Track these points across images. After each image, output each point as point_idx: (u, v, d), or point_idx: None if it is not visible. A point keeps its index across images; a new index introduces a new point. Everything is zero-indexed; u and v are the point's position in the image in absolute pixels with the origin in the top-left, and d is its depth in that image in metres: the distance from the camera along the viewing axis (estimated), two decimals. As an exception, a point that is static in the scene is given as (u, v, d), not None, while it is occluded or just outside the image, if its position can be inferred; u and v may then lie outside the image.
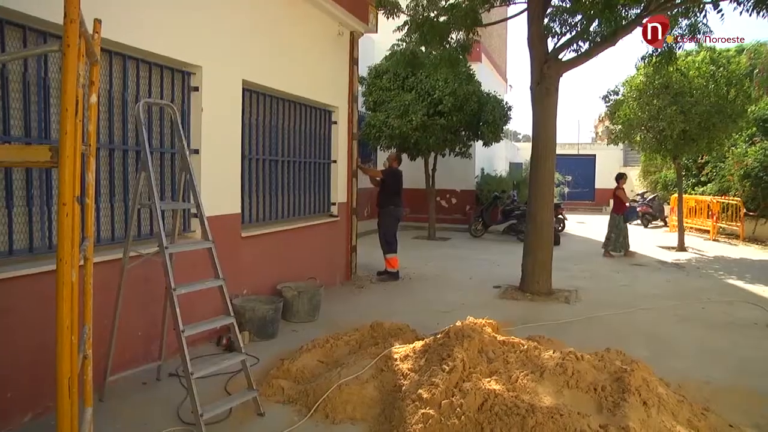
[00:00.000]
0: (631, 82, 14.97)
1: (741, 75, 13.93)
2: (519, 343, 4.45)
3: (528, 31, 9.09)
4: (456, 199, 19.62)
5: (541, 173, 9.14)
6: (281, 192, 8.08)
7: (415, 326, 6.31)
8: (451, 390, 3.85)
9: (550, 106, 9.02)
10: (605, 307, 8.36)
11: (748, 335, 7.24)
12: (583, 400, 3.87)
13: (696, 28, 9.27)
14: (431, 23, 9.46)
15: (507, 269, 10.67)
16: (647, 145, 15.46)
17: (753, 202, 17.40)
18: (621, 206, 13.85)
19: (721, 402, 4.85)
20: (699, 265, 13.04)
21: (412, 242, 15.20)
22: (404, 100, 13.99)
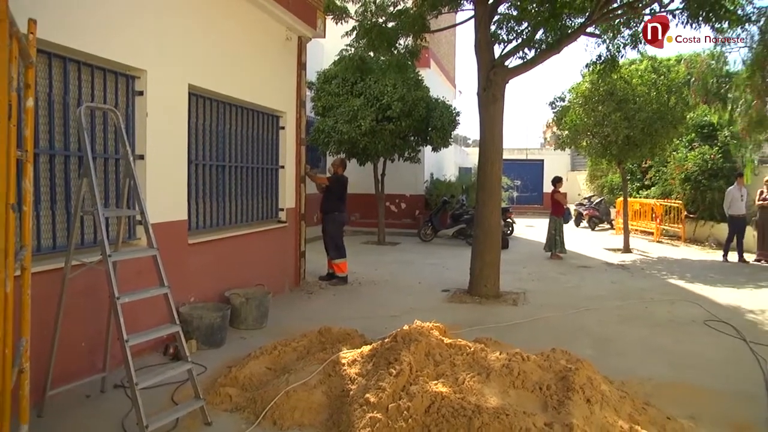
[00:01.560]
0: (577, 89, 15.33)
1: (680, 83, 14.39)
2: (466, 345, 4.50)
3: (475, 38, 9.21)
4: (405, 204, 19.71)
5: (489, 178, 9.27)
6: (229, 198, 7.98)
7: (363, 331, 6.32)
8: (399, 393, 3.87)
9: (496, 112, 9.15)
10: (552, 309, 8.51)
11: (687, 332, 7.50)
12: (528, 400, 3.95)
13: (638, 37, 9.58)
14: (379, 29, 9.50)
15: (456, 273, 10.78)
16: (593, 150, 15.82)
17: (693, 204, 18.05)
18: (559, 208, 14.15)
19: (661, 396, 5.04)
20: (643, 266, 13.42)
21: (362, 247, 15.20)
22: (353, 105, 14.01)
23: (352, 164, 15.22)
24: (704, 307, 8.91)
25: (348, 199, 10.60)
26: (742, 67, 10.53)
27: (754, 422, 4.65)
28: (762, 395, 5.27)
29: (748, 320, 8.22)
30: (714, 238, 17.37)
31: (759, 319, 8.29)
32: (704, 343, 7.01)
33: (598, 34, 9.62)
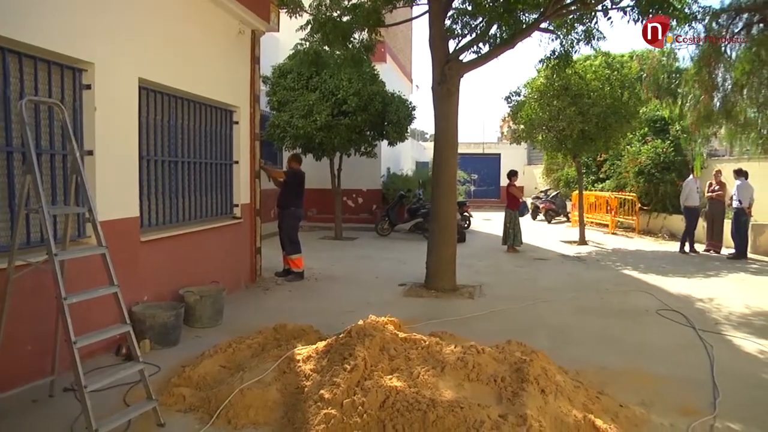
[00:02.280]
0: (532, 84, 15.52)
1: (633, 79, 14.68)
2: (421, 339, 4.51)
3: (429, 33, 9.23)
4: (362, 198, 19.70)
5: (444, 172, 9.31)
6: (182, 194, 7.84)
7: (320, 327, 6.29)
8: (353, 389, 3.86)
9: (451, 106, 9.19)
10: (508, 301, 8.60)
11: (640, 321, 7.69)
12: (483, 392, 3.97)
13: (591, 33, 9.73)
14: (334, 23, 9.45)
15: (413, 267, 10.81)
16: (548, 144, 16.08)
17: (646, 197, 18.46)
18: (515, 202, 14.32)
19: (614, 385, 5.15)
20: (598, 257, 13.67)
21: (319, 243, 15.14)
22: (308, 100, 13.92)
23: (309, 159, 15.16)
24: (657, 296, 9.15)
25: (305, 195, 10.53)
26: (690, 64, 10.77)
27: (701, 406, 4.80)
28: (709, 380, 5.43)
29: (698, 309, 8.46)
30: (667, 230, 17.82)
31: (708, 308, 8.54)
32: (656, 332, 7.20)
33: (552, 30, 9.74)
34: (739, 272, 11.73)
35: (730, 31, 9.64)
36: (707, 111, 10.54)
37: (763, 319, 7.95)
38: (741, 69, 9.54)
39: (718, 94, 10.41)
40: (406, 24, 23.04)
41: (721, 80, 10.29)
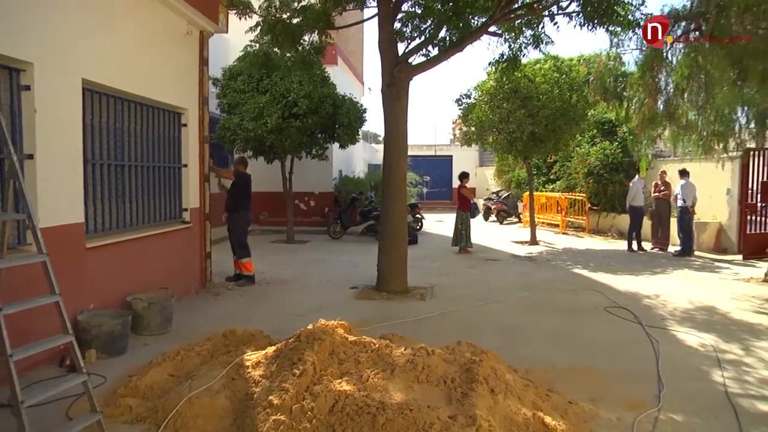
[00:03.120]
0: (483, 87, 15.71)
1: (581, 82, 14.98)
2: (370, 342, 4.51)
3: (379, 35, 9.24)
4: (314, 201, 19.61)
5: (394, 174, 9.33)
6: (130, 198, 7.66)
7: (270, 331, 6.21)
8: (302, 394, 3.82)
9: (401, 109, 9.22)
10: (460, 302, 8.66)
11: (589, 319, 7.85)
12: (433, 394, 3.99)
13: (539, 38, 9.91)
14: (284, 25, 9.40)
15: (365, 269, 10.80)
16: (499, 146, 16.27)
17: (596, 197, 18.87)
18: (466, 203, 14.44)
19: (564, 382, 5.24)
20: (549, 257, 13.89)
21: (271, 246, 15.01)
22: (259, 102, 13.80)
23: (260, 162, 15.03)
24: (605, 294, 9.36)
25: (256, 198, 10.44)
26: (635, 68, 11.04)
27: (647, 399, 4.95)
28: (655, 374, 5.61)
29: (645, 305, 8.70)
30: (616, 229, 18.23)
31: (654, 304, 8.78)
32: (605, 329, 7.37)
33: (500, 34, 9.87)
34: (684, 269, 12.10)
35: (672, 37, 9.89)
36: (651, 114, 10.78)
37: (705, 313, 8.23)
38: (681, 74, 9.81)
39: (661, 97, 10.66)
40: (358, 26, 23.00)
41: (663, 84, 10.55)
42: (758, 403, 4.98)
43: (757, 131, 11.71)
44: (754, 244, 13.31)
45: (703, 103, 10.19)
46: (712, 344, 6.67)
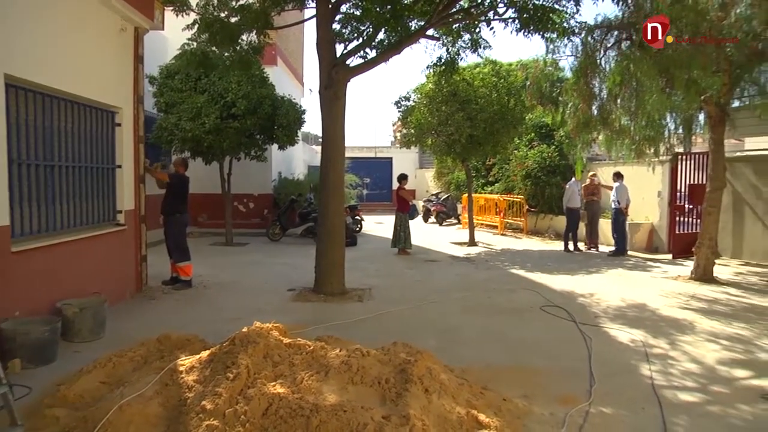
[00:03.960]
0: (422, 89, 15.86)
1: (518, 86, 15.27)
2: (305, 344, 4.49)
3: (317, 36, 9.24)
4: (254, 203, 19.39)
5: (332, 175, 9.33)
6: (60, 200, 7.41)
7: (207, 335, 6.11)
8: (236, 398, 3.78)
9: (338, 110, 9.23)
10: (397, 303, 8.72)
11: (525, 318, 8.03)
12: (367, 394, 4.00)
13: (477, 42, 10.06)
14: (222, 23, 9.26)
15: (304, 272, 10.73)
16: (438, 149, 16.45)
17: (534, 199, 19.26)
18: (405, 205, 14.55)
19: (499, 380, 5.36)
20: (487, 258, 14.11)
21: (209, 249, 14.79)
22: (197, 102, 13.60)
23: (198, 164, 14.79)
24: (541, 294, 9.58)
25: (195, 200, 10.26)
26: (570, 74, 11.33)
27: (579, 394, 5.13)
28: (587, 370, 5.81)
29: (579, 304, 8.95)
30: (553, 230, 18.68)
31: (588, 302, 9.05)
32: (540, 328, 7.55)
33: (438, 38, 9.99)
34: (618, 268, 12.49)
35: (604, 45, 10.20)
36: (586, 118, 11.06)
37: (636, 310, 8.53)
38: (613, 80, 10.11)
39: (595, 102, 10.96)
40: (298, 27, 22.93)
41: (597, 90, 10.85)
42: (681, 394, 5.24)
43: (684, 136, 12.24)
44: (682, 243, 13.85)
45: (634, 109, 10.52)
46: (641, 340, 6.94)
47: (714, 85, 9.66)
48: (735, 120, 11.39)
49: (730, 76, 10.01)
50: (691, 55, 8.80)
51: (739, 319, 8.02)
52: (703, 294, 9.72)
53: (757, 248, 13.10)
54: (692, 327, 7.60)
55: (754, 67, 9.87)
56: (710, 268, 10.91)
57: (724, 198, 11.64)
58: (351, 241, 15.25)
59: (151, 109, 14.13)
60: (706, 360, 6.22)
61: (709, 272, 10.87)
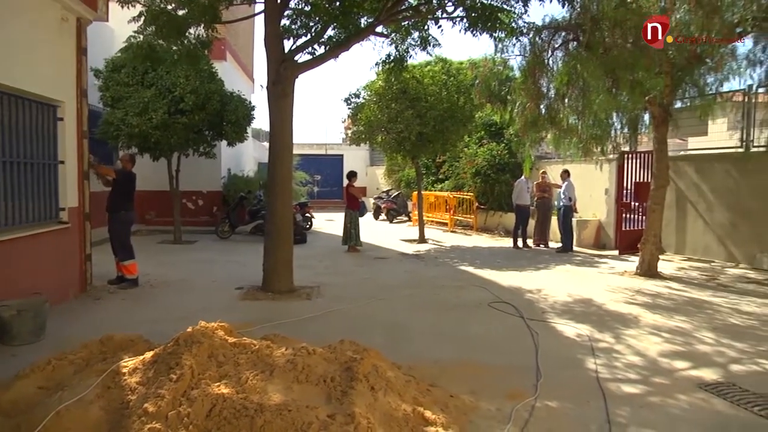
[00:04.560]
0: (372, 87, 15.86)
1: (468, 85, 15.41)
2: (251, 343, 4.44)
3: (265, 31, 9.13)
4: (203, 200, 19.13)
5: (280, 172, 9.26)
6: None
7: (152, 336, 5.95)
8: (179, 399, 3.70)
9: (286, 107, 9.16)
10: (346, 301, 8.71)
11: (473, 315, 8.09)
12: (313, 393, 3.97)
13: (426, 40, 10.11)
14: (168, 16, 9.05)
15: (253, 270, 10.60)
16: (388, 146, 16.48)
17: (483, 196, 19.49)
18: (354, 202, 14.57)
19: (446, 377, 5.39)
20: (437, 255, 14.21)
21: (157, 247, 14.53)
22: (144, 96, 13.36)
23: (146, 160, 14.52)
24: (490, 290, 9.69)
25: (142, 197, 10.05)
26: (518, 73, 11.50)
27: (525, 389, 5.21)
28: (533, 365, 5.89)
29: (527, 299, 9.08)
30: (502, 227, 18.91)
31: (536, 298, 9.19)
32: (488, 324, 7.63)
33: (387, 35, 10.01)
34: (566, 264, 12.73)
35: (551, 46, 10.38)
36: (534, 117, 11.24)
37: (583, 305, 8.70)
38: (561, 80, 10.31)
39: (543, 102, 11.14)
40: (248, 22, 22.66)
41: (545, 89, 11.03)
42: (624, 386, 5.38)
43: (630, 136, 12.55)
44: (629, 240, 14.21)
45: (582, 109, 10.74)
46: (587, 334, 7.08)
47: (657, 87, 9.96)
48: (678, 120, 11.76)
49: (672, 78, 10.33)
50: (635, 57, 9.03)
51: (681, 312, 8.28)
52: (648, 289, 9.98)
53: (699, 244, 13.52)
54: (636, 321, 7.80)
55: (693, 69, 10.21)
56: (655, 263, 11.21)
57: (668, 196, 11.98)
58: (301, 239, 15.19)
59: (97, 103, 13.80)
60: (648, 353, 6.41)
61: (653, 268, 11.17)
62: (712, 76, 10.57)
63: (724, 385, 5.43)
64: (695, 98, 11.46)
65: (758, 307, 8.66)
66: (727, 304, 8.80)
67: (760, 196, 12.14)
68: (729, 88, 11.57)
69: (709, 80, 10.70)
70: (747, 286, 10.30)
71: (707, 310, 8.46)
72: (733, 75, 10.33)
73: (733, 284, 10.43)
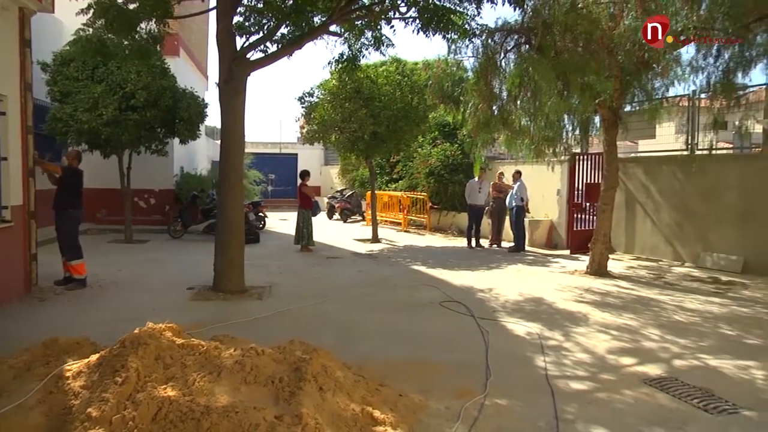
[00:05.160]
0: (326, 86, 15.83)
1: (422, 85, 15.47)
2: (199, 345, 4.37)
3: (217, 28, 9.02)
4: (155, 199, 18.82)
5: (231, 171, 9.17)
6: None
7: (100, 338, 5.79)
8: (123, 403, 3.63)
9: (238, 104, 9.08)
10: (298, 300, 8.68)
11: (424, 314, 8.16)
12: (261, 394, 3.94)
13: (380, 40, 10.12)
14: (119, 9, 8.83)
15: (204, 269, 10.43)
16: (341, 145, 16.49)
17: (437, 196, 19.59)
18: (307, 202, 14.54)
19: (397, 376, 5.41)
20: (390, 254, 14.25)
21: (108, 246, 14.21)
22: (94, 92, 13.05)
23: (96, 157, 14.22)
24: (441, 289, 9.75)
25: (93, 195, 9.81)
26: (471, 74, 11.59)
27: (475, 387, 5.26)
28: (483, 363, 5.96)
29: (478, 298, 9.17)
30: (456, 227, 19.07)
31: (487, 297, 9.29)
32: (439, 323, 7.70)
33: (340, 34, 9.99)
34: (517, 264, 12.90)
35: (504, 48, 10.50)
36: (486, 118, 11.34)
37: (533, 304, 8.85)
38: (512, 82, 10.45)
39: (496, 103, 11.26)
40: (203, 19, 22.36)
41: (498, 91, 11.14)
42: (572, 383, 5.50)
43: (581, 138, 12.78)
44: (580, 239, 14.51)
45: (534, 111, 10.90)
46: (537, 332, 7.20)
47: (607, 90, 10.15)
48: (627, 123, 12.03)
49: (621, 82, 10.57)
50: (585, 61, 9.21)
51: (628, 310, 8.50)
52: (597, 287, 10.20)
53: (647, 243, 13.88)
54: (585, 319, 7.97)
55: (641, 74, 10.47)
56: (604, 262, 11.45)
57: (618, 196, 12.26)
58: (254, 238, 15.08)
59: (45, 98, 13.45)
60: (596, 350, 6.55)
61: (603, 267, 11.41)
62: (659, 81, 10.90)
63: (667, 379, 5.61)
64: (643, 102, 11.77)
65: (701, 304, 8.96)
66: (673, 302, 9.07)
67: (704, 198, 12.55)
68: (675, 93, 11.96)
69: (656, 85, 11.04)
70: (691, 284, 10.63)
71: (654, 307, 8.69)
72: (678, 80, 10.71)
73: (679, 282, 10.75)
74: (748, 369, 5.99)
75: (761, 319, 8.11)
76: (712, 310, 8.55)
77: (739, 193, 11.99)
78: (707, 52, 9.84)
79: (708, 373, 5.85)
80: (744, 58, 9.49)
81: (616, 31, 9.37)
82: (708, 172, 12.38)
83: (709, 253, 12.38)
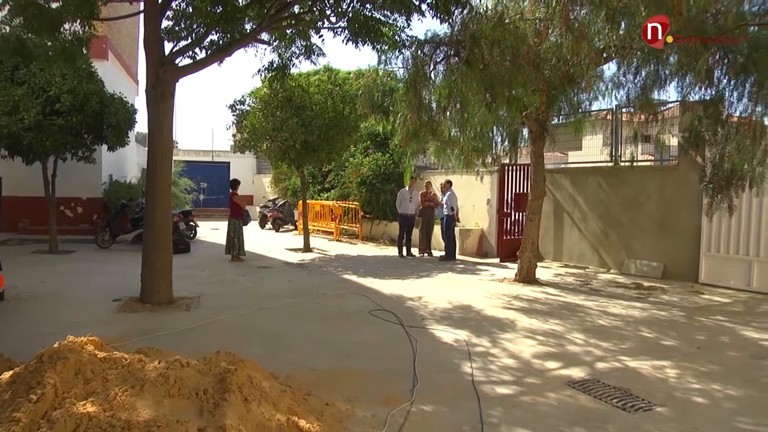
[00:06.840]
0: (257, 94, 15.74)
1: (354, 95, 15.54)
2: (121, 358, 4.27)
3: (144, 32, 8.87)
4: (82, 207, 18.29)
5: (158, 179, 9.00)
6: None
7: (18, 354, 5.54)
8: (37, 422, 3.48)
9: (166, 111, 8.94)
10: (226, 311, 8.61)
11: (353, 323, 8.20)
12: (184, 407, 3.88)
13: (310, 49, 10.12)
14: (39, 8, 8.48)
15: (132, 280, 10.20)
16: (273, 154, 16.42)
17: (369, 205, 19.71)
18: (238, 211, 14.41)
19: (323, 385, 5.44)
20: (321, 264, 14.23)
21: (30, 258, 13.66)
22: (14, 94, 12.53)
23: (17, 163, 13.71)
24: (371, 298, 9.83)
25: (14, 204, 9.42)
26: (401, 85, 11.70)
27: (402, 394, 5.35)
28: (411, 370, 6.06)
29: (408, 307, 9.28)
30: (387, 236, 19.21)
31: (417, 305, 9.41)
32: (368, 332, 7.75)
33: (269, 42, 9.97)
34: (448, 272, 13.11)
35: (433, 60, 10.66)
36: (415, 128, 11.45)
37: (462, 311, 9.01)
38: (441, 93, 10.63)
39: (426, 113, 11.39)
40: (133, 22, 21.88)
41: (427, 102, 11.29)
42: (498, 388, 5.65)
43: (510, 149, 13.07)
44: (509, 248, 14.87)
45: (462, 122, 11.09)
46: (465, 339, 7.35)
47: (533, 103, 10.44)
48: (554, 135, 12.40)
49: (547, 95, 10.90)
50: (512, 74, 9.45)
51: (555, 316, 8.79)
52: (525, 294, 10.48)
53: (574, 251, 14.32)
54: (513, 325, 8.17)
55: (566, 89, 10.84)
56: (533, 270, 11.76)
57: (547, 206, 12.61)
58: (184, 248, 14.82)
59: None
60: (522, 355, 6.75)
61: (531, 274, 11.72)
62: (584, 96, 11.29)
63: (590, 381, 5.85)
64: (569, 115, 12.16)
65: (624, 309, 9.38)
66: (597, 307, 9.43)
67: (627, 207, 13.09)
68: (599, 107, 12.42)
69: (581, 99, 11.43)
70: (616, 289, 11.08)
71: (579, 313, 9.01)
72: (601, 95, 11.18)
73: (604, 288, 11.16)
74: (663, 368, 6.33)
75: (677, 322, 8.57)
76: (633, 314, 8.95)
77: (658, 203, 12.57)
78: (627, 69, 10.26)
79: (627, 374, 6.13)
80: (659, 76, 9.96)
81: (542, 47, 9.67)
82: (630, 183, 12.92)
83: (633, 260, 12.88)
